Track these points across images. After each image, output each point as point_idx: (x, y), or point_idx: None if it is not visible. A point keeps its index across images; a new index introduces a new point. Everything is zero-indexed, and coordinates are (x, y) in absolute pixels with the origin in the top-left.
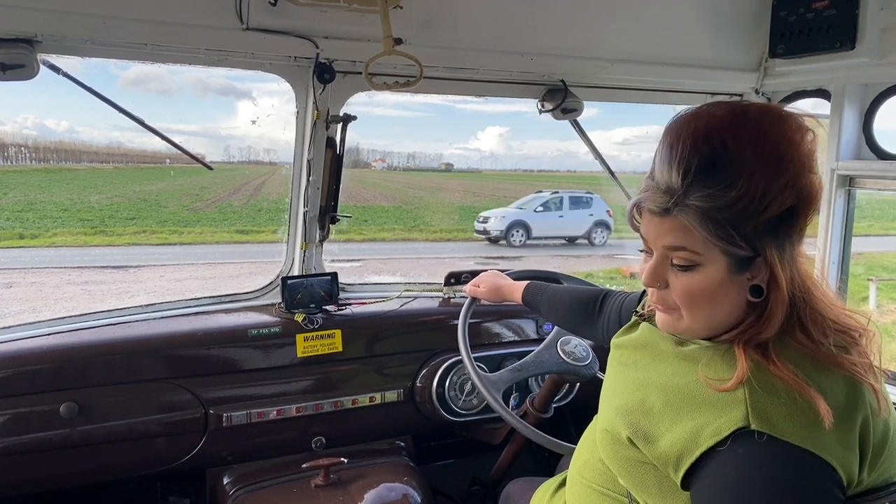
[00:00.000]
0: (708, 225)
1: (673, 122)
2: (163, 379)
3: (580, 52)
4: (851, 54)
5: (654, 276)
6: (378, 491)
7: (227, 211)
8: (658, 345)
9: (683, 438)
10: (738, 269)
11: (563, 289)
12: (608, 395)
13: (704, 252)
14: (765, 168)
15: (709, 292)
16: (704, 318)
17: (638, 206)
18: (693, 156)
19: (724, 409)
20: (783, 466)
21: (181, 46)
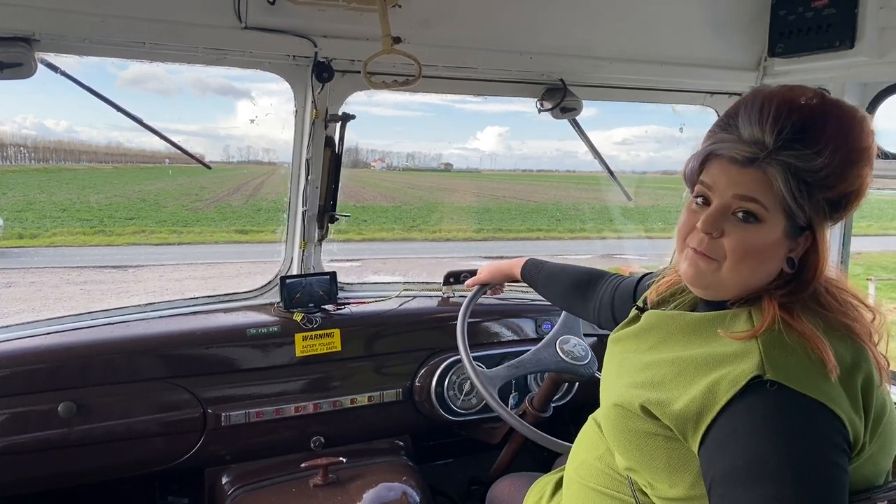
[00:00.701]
0: (790, 182)
1: (761, 89)
2: (161, 378)
3: (579, 52)
4: (850, 53)
5: (714, 222)
6: (377, 490)
7: (226, 211)
8: (666, 325)
9: (702, 395)
10: (791, 235)
11: (562, 266)
12: (612, 381)
13: (771, 209)
14: (845, 149)
15: (762, 249)
16: (744, 276)
17: (710, 155)
18: (788, 118)
19: (739, 360)
20: (794, 415)
21: (180, 45)
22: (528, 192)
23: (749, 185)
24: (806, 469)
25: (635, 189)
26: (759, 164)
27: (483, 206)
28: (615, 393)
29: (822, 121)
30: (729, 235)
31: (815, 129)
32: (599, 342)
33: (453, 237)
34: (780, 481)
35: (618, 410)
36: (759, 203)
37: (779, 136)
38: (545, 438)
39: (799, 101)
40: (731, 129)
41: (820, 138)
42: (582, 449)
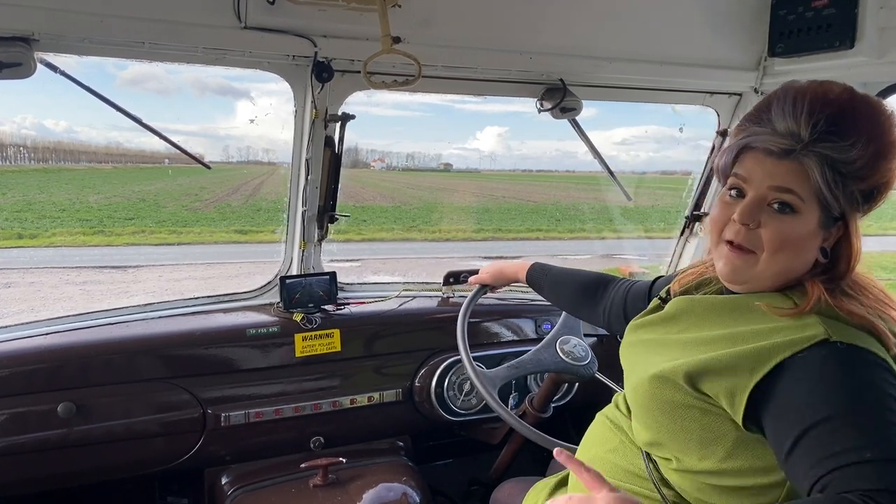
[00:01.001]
0: (826, 173)
1: (791, 84)
2: (161, 379)
3: (579, 51)
4: (850, 53)
5: (751, 213)
6: (377, 491)
7: (225, 211)
8: (700, 307)
9: (757, 352)
10: (825, 225)
11: (568, 271)
12: (643, 360)
13: (807, 199)
14: (877, 142)
15: (797, 239)
16: (780, 267)
17: (745, 147)
18: (822, 111)
19: (798, 330)
20: (866, 366)
21: (179, 45)
22: (528, 192)
23: (785, 177)
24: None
25: (635, 189)
26: (796, 156)
27: (483, 206)
28: (649, 369)
29: (854, 114)
30: (766, 226)
31: (848, 122)
32: (599, 342)
33: (453, 237)
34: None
35: (655, 382)
36: (795, 194)
37: (814, 129)
38: (545, 439)
39: (830, 95)
40: (764, 122)
41: (853, 131)
42: (591, 446)
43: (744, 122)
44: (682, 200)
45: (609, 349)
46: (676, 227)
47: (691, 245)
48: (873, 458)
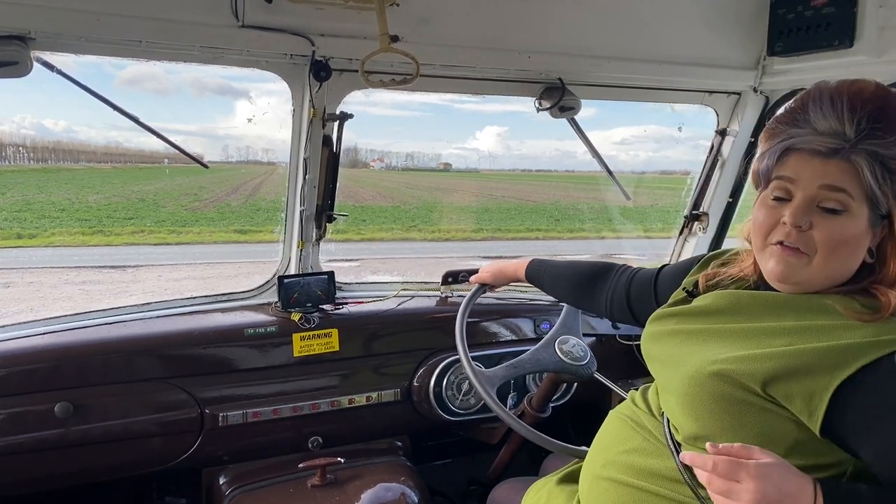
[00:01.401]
0: (876, 170)
1: (824, 84)
2: (158, 378)
3: (578, 50)
4: (850, 52)
5: (804, 214)
6: (375, 491)
7: (225, 211)
8: (747, 304)
9: (837, 351)
10: (874, 224)
11: (567, 263)
12: (688, 353)
13: (857, 198)
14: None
15: (852, 240)
16: (834, 268)
17: (789, 150)
18: (863, 109)
19: (882, 332)
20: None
21: (176, 44)
22: (527, 191)
23: (836, 176)
24: None
25: (634, 189)
26: (845, 154)
27: (482, 205)
28: (705, 362)
29: (893, 109)
30: (818, 227)
31: (889, 118)
32: (599, 342)
33: (452, 237)
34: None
35: (712, 378)
36: (846, 192)
37: (858, 127)
38: (543, 439)
39: (866, 94)
40: (802, 123)
41: (894, 127)
42: (608, 446)
43: (777, 125)
44: (681, 200)
45: (609, 349)
46: (675, 226)
47: (690, 244)
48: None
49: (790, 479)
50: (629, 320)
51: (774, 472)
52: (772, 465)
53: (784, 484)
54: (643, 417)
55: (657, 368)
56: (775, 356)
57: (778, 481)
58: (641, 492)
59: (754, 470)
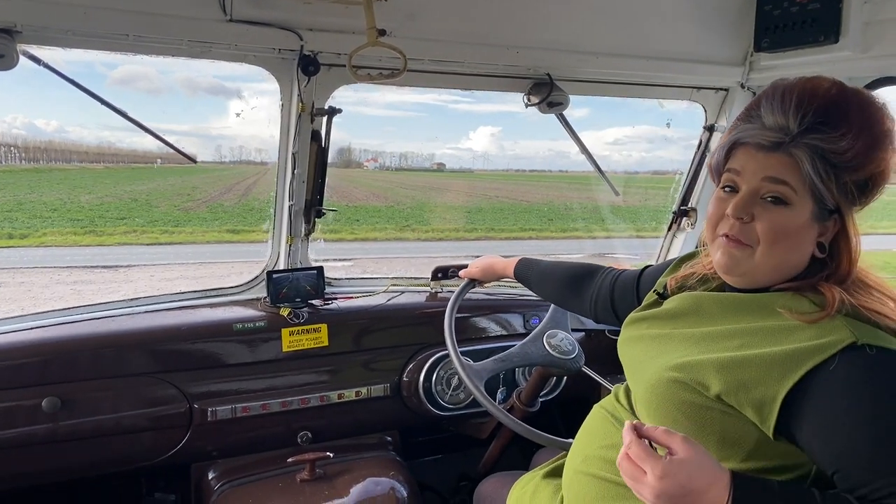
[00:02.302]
0: (817, 164)
1: (780, 81)
2: (147, 373)
3: (566, 46)
4: (835, 48)
5: (745, 206)
6: (364, 485)
7: (218, 210)
8: (707, 306)
9: (783, 358)
10: (819, 218)
11: (555, 263)
12: (651, 358)
13: (799, 191)
14: (867, 133)
15: (792, 231)
16: (777, 260)
17: (736, 144)
18: (810, 104)
19: (824, 333)
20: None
21: (164, 38)
22: (521, 191)
23: (777, 168)
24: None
25: (624, 188)
26: (786, 148)
27: (476, 205)
28: (665, 365)
29: (845, 106)
30: (760, 219)
31: (838, 114)
32: (587, 337)
33: (446, 237)
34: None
35: (672, 381)
36: (787, 185)
37: (802, 121)
38: (532, 432)
39: (819, 90)
40: (753, 119)
41: (842, 122)
42: (589, 441)
43: (735, 122)
44: (670, 197)
45: (597, 344)
46: (665, 224)
47: (679, 240)
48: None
49: (700, 476)
50: (613, 322)
51: (682, 470)
52: (682, 461)
53: (692, 481)
54: (623, 414)
55: (627, 374)
56: (726, 365)
57: (684, 479)
58: (618, 486)
59: (660, 469)
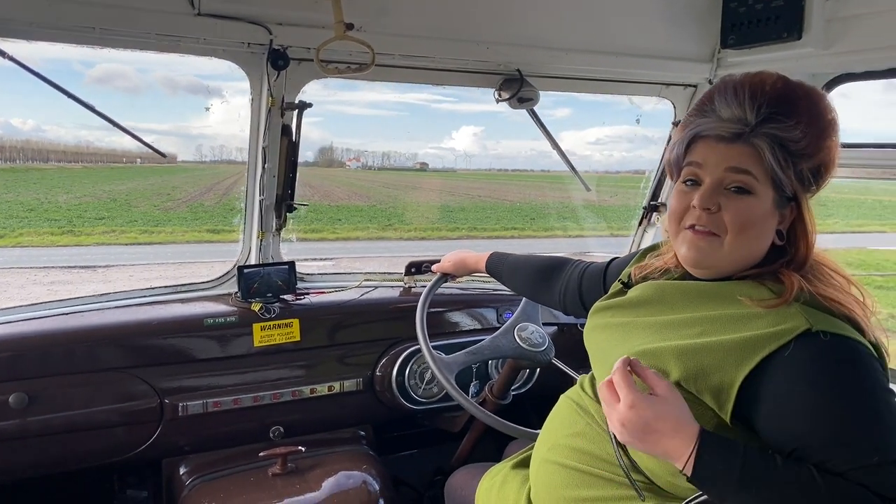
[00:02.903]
0: (776, 152)
1: (728, 77)
2: (117, 369)
3: (536, 42)
4: (798, 44)
5: (711, 196)
6: (336, 479)
7: (198, 210)
8: (669, 295)
9: (740, 345)
10: (779, 205)
11: (525, 257)
12: (615, 346)
13: (761, 179)
14: (816, 122)
15: (759, 219)
16: (744, 248)
17: (696, 137)
18: (763, 96)
19: (780, 321)
20: (853, 360)
21: (131, 31)
22: (503, 191)
23: (740, 158)
24: (881, 404)
25: (597, 186)
26: (746, 138)
27: (458, 205)
28: (627, 353)
29: (793, 98)
30: (726, 209)
31: (788, 106)
32: (559, 330)
33: (429, 236)
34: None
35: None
36: (750, 174)
37: (759, 112)
38: (503, 425)
39: (767, 84)
40: (707, 113)
41: (794, 112)
42: (556, 429)
43: (688, 118)
44: (640, 192)
45: (568, 337)
46: (635, 219)
47: (649, 235)
48: (881, 461)
49: (667, 420)
50: (582, 313)
51: (651, 407)
52: (655, 400)
53: (657, 421)
54: (588, 403)
55: (592, 362)
56: (686, 352)
57: (650, 416)
58: (583, 474)
59: (630, 399)
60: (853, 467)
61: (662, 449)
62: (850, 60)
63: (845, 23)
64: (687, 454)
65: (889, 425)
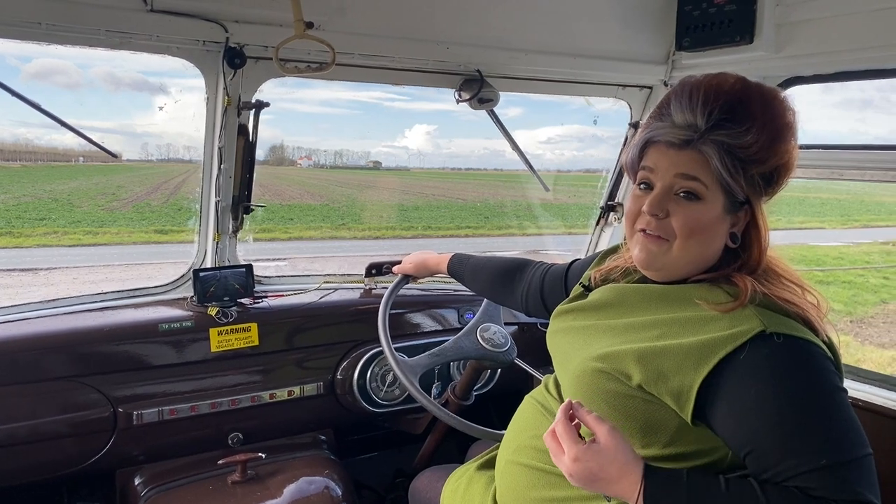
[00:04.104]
0: (725, 159)
1: (688, 79)
2: (66, 377)
3: (496, 43)
4: (750, 48)
5: (659, 203)
6: (298, 485)
7: (144, 210)
8: (630, 298)
9: (698, 348)
10: (730, 210)
11: (487, 258)
12: (577, 349)
13: (710, 186)
14: (769, 126)
15: (708, 225)
16: (693, 253)
17: (649, 142)
18: (716, 102)
19: (736, 323)
20: (807, 362)
21: (80, 27)
22: (457, 190)
23: (688, 165)
24: (831, 404)
25: (555, 185)
26: (695, 145)
27: (412, 203)
28: (590, 356)
29: (747, 101)
30: (675, 214)
31: (742, 109)
32: (521, 330)
33: (382, 235)
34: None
35: (596, 371)
36: (699, 181)
37: (709, 118)
38: (467, 426)
39: (724, 86)
40: (664, 117)
41: (747, 117)
42: (521, 431)
43: (648, 120)
44: (598, 193)
45: (530, 337)
46: (593, 219)
47: (606, 234)
48: (829, 463)
49: (611, 467)
50: (544, 315)
51: (594, 458)
52: (598, 451)
53: (601, 470)
54: (552, 404)
55: (555, 364)
56: (646, 355)
57: (594, 467)
58: (549, 474)
59: (573, 452)
60: (803, 471)
61: (612, 492)
62: (799, 64)
63: (795, 27)
64: (636, 495)
65: (837, 426)
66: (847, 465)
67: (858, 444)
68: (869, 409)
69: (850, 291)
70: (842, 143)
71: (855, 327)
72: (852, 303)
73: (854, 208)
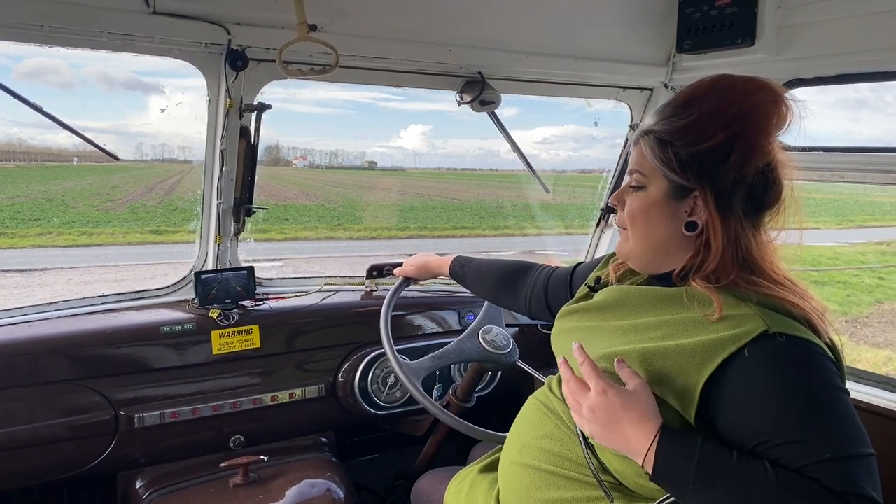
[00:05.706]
0: (655, 147)
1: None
2: (68, 380)
3: (497, 45)
4: (751, 50)
5: (618, 196)
6: (299, 487)
7: (140, 211)
8: (634, 299)
9: (702, 348)
10: (676, 195)
11: (489, 261)
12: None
13: (650, 175)
14: (715, 106)
15: (645, 210)
16: (642, 236)
17: (634, 144)
18: (675, 99)
19: (739, 323)
20: (809, 361)
21: (82, 29)
22: (453, 190)
23: (634, 160)
24: (834, 402)
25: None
26: (638, 140)
27: (408, 204)
28: (594, 355)
29: (707, 92)
30: (627, 205)
31: (695, 101)
32: (521, 332)
33: (378, 235)
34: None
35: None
36: (640, 172)
37: (662, 115)
38: (469, 428)
39: (693, 86)
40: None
41: (691, 106)
42: (524, 431)
43: None
44: (598, 194)
45: (530, 338)
46: (593, 220)
47: (606, 236)
48: (832, 456)
49: (636, 409)
50: (547, 317)
51: (620, 396)
52: (624, 391)
53: (624, 409)
54: (556, 404)
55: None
56: (650, 355)
57: (617, 404)
58: (552, 475)
59: (602, 385)
60: (807, 463)
61: (625, 440)
62: (800, 66)
63: (796, 30)
64: (647, 447)
65: (840, 423)
66: (850, 460)
67: (861, 443)
68: (871, 411)
69: (846, 291)
70: (842, 146)
71: (850, 327)
72: (847, 303)
73: (849, 208)
